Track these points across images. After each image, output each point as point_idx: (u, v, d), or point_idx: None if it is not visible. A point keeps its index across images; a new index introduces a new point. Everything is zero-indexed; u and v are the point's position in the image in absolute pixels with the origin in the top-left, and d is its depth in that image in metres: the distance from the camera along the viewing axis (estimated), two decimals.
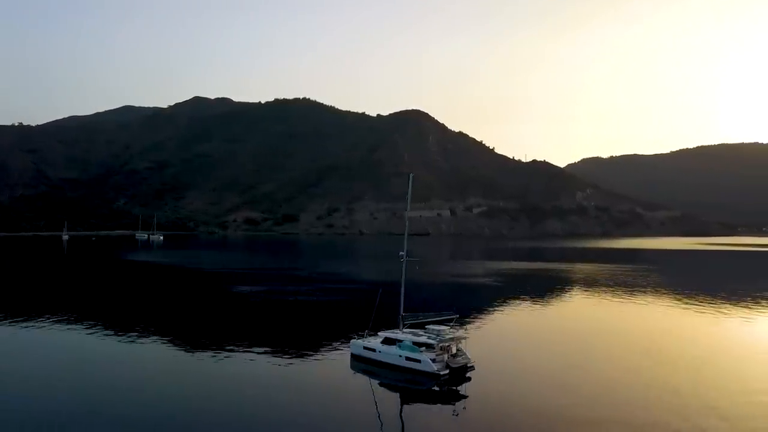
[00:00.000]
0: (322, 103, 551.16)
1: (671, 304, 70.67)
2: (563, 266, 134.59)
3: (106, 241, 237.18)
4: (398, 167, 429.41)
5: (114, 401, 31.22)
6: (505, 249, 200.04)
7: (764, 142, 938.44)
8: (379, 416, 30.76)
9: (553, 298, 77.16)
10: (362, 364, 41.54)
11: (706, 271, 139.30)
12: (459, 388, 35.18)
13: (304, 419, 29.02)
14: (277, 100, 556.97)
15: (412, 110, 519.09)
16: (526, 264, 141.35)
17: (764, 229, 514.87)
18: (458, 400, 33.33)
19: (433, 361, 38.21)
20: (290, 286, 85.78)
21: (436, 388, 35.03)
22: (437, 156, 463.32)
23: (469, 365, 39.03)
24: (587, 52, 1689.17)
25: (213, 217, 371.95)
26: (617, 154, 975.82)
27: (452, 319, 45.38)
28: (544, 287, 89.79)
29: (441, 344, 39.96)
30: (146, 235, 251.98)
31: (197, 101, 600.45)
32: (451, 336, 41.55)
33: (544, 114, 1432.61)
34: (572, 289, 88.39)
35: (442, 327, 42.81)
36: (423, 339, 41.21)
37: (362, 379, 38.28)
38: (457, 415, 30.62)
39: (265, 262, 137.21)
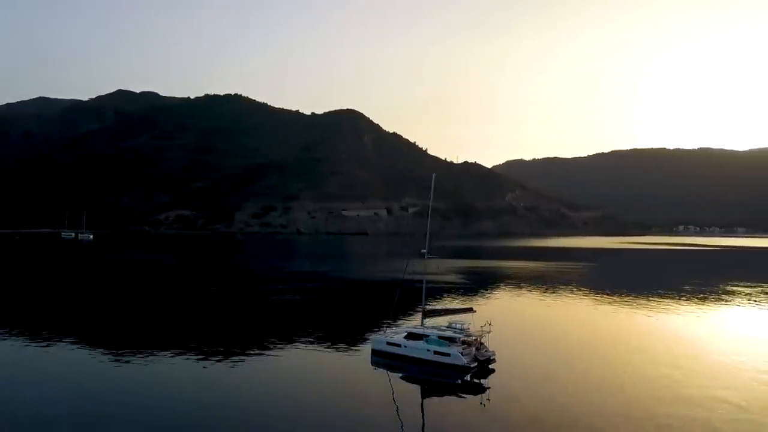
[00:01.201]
0: (255, 100, 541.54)
1: (602, 297, 75.94)
2: (518, 264, 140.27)
3: (30, 239, 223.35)
4: (336, 166, 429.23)
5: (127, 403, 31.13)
6: (455, 247, 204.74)
7: (670, 148, 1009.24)
8: (417, 409, 31.93)
9: (525, 293, 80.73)
10: (384, 359, 42.36)
11: (656, 267, 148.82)
12: (487, 379, 37.11)
13: (340, 418, 29.11)
14: (207, 96, 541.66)
15: (347, 110, 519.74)
16: (484, 262, 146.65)
17: (674, 229, 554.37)
18: (488, 390, 35.06)
19: (462, 354, 39.97)
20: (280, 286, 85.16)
21: (467, 380, 36.78)
22: (373, 156, 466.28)
23: (492, 357, 41.09)
24: (513, 57, 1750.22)
25: (143, 215, 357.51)
26: (539, 157, 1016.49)
27: (470, 313, 47.41)
28: (510, 283, 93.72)
29: (468, 338, 41.82)
30: (73, 234, 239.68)
31: (121, 94, 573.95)
32: (477, 330, 43.54)
33: (471, 116, 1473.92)
34: (549, 285, 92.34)
35: (464, 321, 44.69)
36: (449, 333, 42.89)
37: (389, 375, 39.09)
38: (484, 404, 32.10)
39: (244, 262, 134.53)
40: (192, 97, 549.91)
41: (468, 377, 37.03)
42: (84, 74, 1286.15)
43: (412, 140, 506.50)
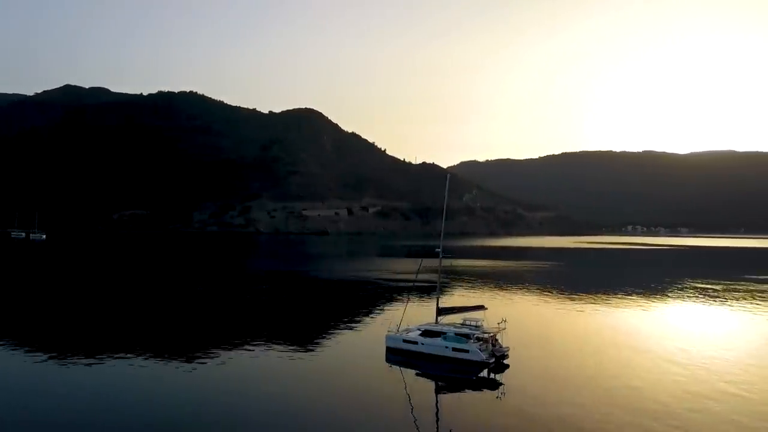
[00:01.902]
0: (211, 98, 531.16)
1: (591, 295, 79.27)
2: (494, 263, 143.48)
3: None
4: (294, 165, 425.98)
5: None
6: (424, 247, 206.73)
7: (617, 151, 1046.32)
8: (442, 404, 32.86)
9: (513, 291, 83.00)
10: (400, 357, 43.12)
11: (625, 266, 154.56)
12: (503, 373, 38.47)
13: (365, 416, 29.36)
14: (161, 93, 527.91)
15: (305, 108, 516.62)
16: (461, 261, 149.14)
17: (623, 229, 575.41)
18: (504, 385, 36.09)
19: (480, 350, 41.37)
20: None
21: (485, 375, 38.02)
22: (332, 155, 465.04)
23: (506, 353, 42.60)
24: (468, 62, 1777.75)
25: (97, 214, 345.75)
26: (492, 158, 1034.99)
27: (482, 310, 48.77)
28: (496, 281, 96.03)
29: (483, 335, 43.17)
30: (24, 233, 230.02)
31: (69, 89, 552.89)
32: (493, 327, 44.97)
33: (428, 117, 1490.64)
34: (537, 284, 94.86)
35: (477, 319, 46.02)
36: (465, 330, 44.11)
37: (407, 372, 39.66)
38: (500, 398, 33.24)
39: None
40: (145, 93, 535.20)
41: (486, 373, 38.33)
42: (29, 68, 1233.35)
43: (370, 140, 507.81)
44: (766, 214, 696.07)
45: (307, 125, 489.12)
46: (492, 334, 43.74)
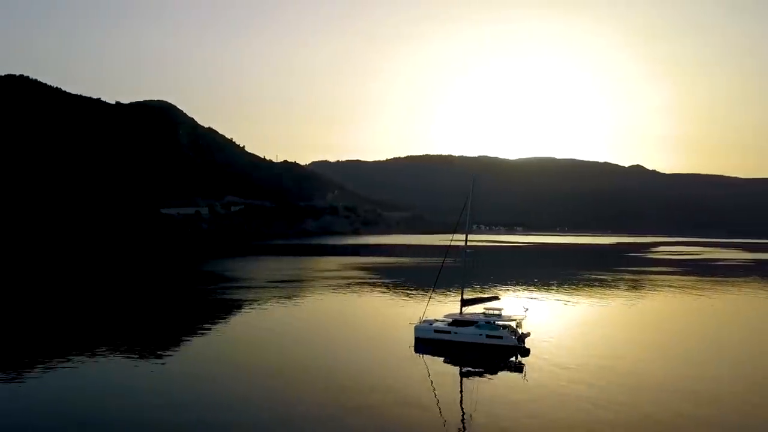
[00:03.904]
0: (45, 83, 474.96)
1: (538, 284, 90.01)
2: (410, 259, 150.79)
3: None
4: (147, 160, 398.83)
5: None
6: (310, 246, 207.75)
7: (456, 155, 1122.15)
8: (477, 386, 36.83)
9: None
10: (430, 347, 47.15)
11: (516, 261, 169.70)
12: (533, 355, 44.21)
13: (408, 409, 31.06)
14: None
15: (158, 101, 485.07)
16: (355, 259, 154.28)
17: (471, 227, 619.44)
18: (534, 364, 41.87)
19: (512, 335, 47.52)
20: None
21: (513, 359, 43.60)
22: (190, 151, 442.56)
23: (528, 337, 48.93)
24: (325, 62, 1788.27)
25: None
26: (342, 159, 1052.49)
27: (497, 300, 54.79)
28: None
29: (511, 322, 49.25)
30: None
31: None
32: (517, 315, 51.09)
33: (282, 115, 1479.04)
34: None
35: (499, 308, 51.83)
36: (494, 319, 49.58)
37: (439, 359, 43.56)
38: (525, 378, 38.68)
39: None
40: None
41: (517, 355, 44.28)
42: None
43: (229, 136, 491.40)
44: (585, 214, 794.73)
45: (159, 118, 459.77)
46: (517, 321, 49.74)
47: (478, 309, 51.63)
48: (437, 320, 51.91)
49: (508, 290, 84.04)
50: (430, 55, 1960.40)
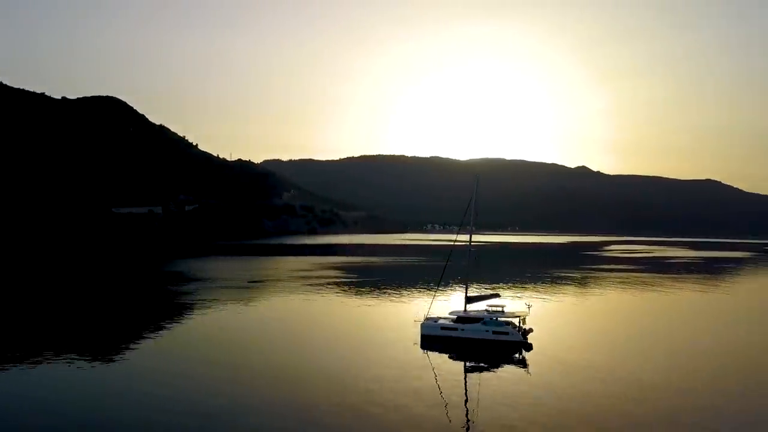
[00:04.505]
0: None
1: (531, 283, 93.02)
2: (376, 259, 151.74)
3: None
4: (95, 157, 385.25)
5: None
6: (274, 246, 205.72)
7: (408, 155, 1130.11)
8: (486, 382, 37.84)
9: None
10: (437, 343, 48.29)
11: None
12: (535, 349, 46.03)
13: (425, 407, 31.33)
14: None
15: (107, 96, 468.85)
16: (321, 259, 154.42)
17: (424, 227, 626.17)
18: (538, 358, 43.77)
19: (517, 332, 49.30)
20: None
21: (518, 354, 44.99)
22: (140, 149, 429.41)
23: (531, 332, 50.75)
24: (265, 59, 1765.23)
25: None
26: (295, 158, 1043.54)
27: (497, 298, 56.53)
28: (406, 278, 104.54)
29: (515, 318, 50.98)
30: None
31: None
32: (520, 311, 52.94)
33: (232, 112, 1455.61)
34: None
35: (501, 305, 53.55)
36: (498, 315, 51.10)
37: (447, 355, 44.49)
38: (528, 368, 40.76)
39: None
40: None
41: (521, 351, 46.12)
42: None
43: (181, 134, 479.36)
44: (533, 214, 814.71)
45: (107, 114, 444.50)
46: (521, 317, 51.58)
47: (480, 306, 53.01)
48: (441, 317, 53.00)
49: (497, 289, 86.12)
50: (386, 59, 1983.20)
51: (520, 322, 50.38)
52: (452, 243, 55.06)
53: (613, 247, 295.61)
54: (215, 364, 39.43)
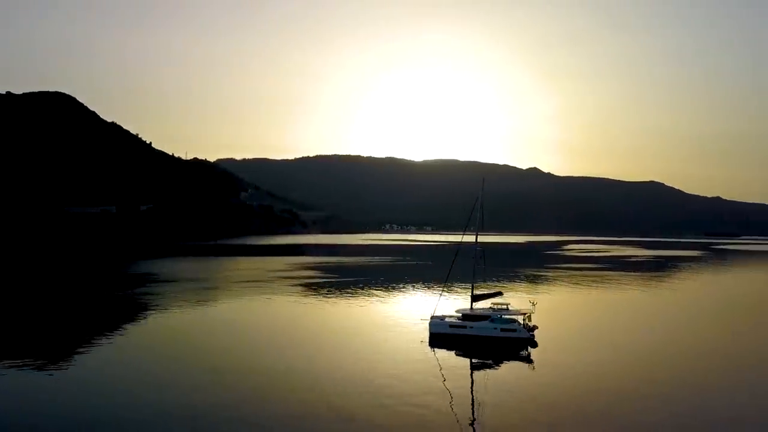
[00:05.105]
0: None
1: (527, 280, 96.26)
2: (354, 259, 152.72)
3: None
4: (44, 155, 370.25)
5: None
6: (239, 246, 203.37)
7: (364, 156, 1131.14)
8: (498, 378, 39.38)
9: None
10: (445, 341, 49.68)
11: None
12: (541, 345, 48.08)
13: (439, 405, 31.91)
14: None
15: (54, 92, 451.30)
16: (313, 258, 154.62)
17: (383, 227, 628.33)
18: (546, 353, 46.12)
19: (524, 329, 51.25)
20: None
21: (525, 350, 46.88)
22: (91, 147, 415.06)
23: (536, 329, 52.85)
24: (219, 56, 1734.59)
25: None
26: (249, 157, 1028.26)
27: (500, 296, 58.44)
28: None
29: (521, 315, 52.97)
30: None
31: None
32: (525, 308, 54.97)
33: (185, 110, 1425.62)
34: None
35: (505, 303, 55.51)
36: (504, 313, 52.99)
37: (456, 353, 45.69)
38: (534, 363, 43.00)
39: None
40: None
41: (527, 348, 48.18)
42: None
43: (134, 132, 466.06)
44: (488, 213, 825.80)
45: (55, 111, 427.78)
46: (527, 314, 53.67)
47: (485, 304, 54.48)
48: (447, 315, 54.07)
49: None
50: (340, 61, 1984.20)
51: (525, 319, 52.06)
52: (458, 243, 56.54)
53: (570, 246, 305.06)
54: (221, 370, 38.91)
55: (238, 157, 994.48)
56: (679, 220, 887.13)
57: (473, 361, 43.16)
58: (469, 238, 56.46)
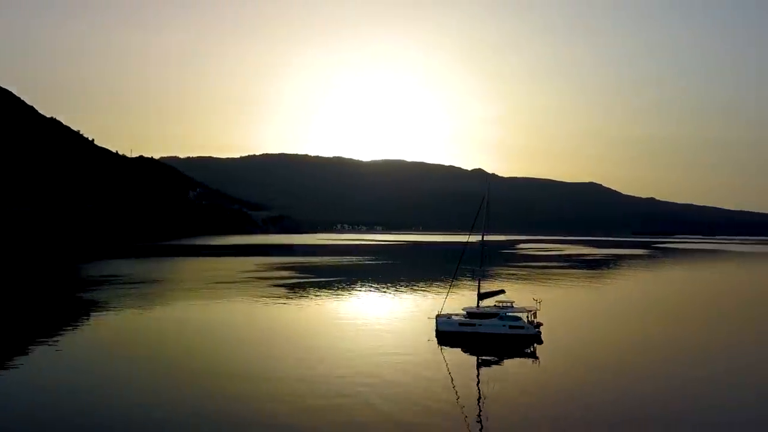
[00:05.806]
0: None
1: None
2: (315, 259, 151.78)
3: None
4: None
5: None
6: (190, 246, 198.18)
7: (312, 155, 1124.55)
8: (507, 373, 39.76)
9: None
10: (453, 339, 50.37)
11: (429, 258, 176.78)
12: (547, 341, 49.20)
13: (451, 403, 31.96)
14: None
15: None
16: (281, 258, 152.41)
17: (335, 227, 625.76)
18: (552, 349, 47.16)
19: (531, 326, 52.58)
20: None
21: (532, 347, 47.69)
22: (28, 144, 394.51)
23: (542, 326, 54.17)
24: (162, 50, 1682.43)
25: None
26: (193, 155, 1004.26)
27: (503, 293, 59.62)
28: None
29: (527, 313, 54.32)
30: None
31: None
32: (530, 306, 56.32)
33: (125, 106, 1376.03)
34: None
35: (510, 300, 56.72)
36: (511, 311, 54.12)
37: (465, 351, 46.05)
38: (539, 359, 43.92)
39: None
40: None
41: (534, 345, 49.51)
42: None
43: (75, 128, 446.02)
44: (433, 213, 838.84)
45: None
46: (532, 312, 55.06)
47: (489, 302, 55.21)
48: (453, 314, 54.48)
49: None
50: (287, 61, 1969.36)
51: (530, 317, 53.16)
52: (465, 243, 57.17)
53: (524, 245, 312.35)
54: (215, 365, 38.73)
55: (182, 155, 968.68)
56: (617, 220, 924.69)
57: (481, 358, 43.69)
58: (465, 238, 57.23)
